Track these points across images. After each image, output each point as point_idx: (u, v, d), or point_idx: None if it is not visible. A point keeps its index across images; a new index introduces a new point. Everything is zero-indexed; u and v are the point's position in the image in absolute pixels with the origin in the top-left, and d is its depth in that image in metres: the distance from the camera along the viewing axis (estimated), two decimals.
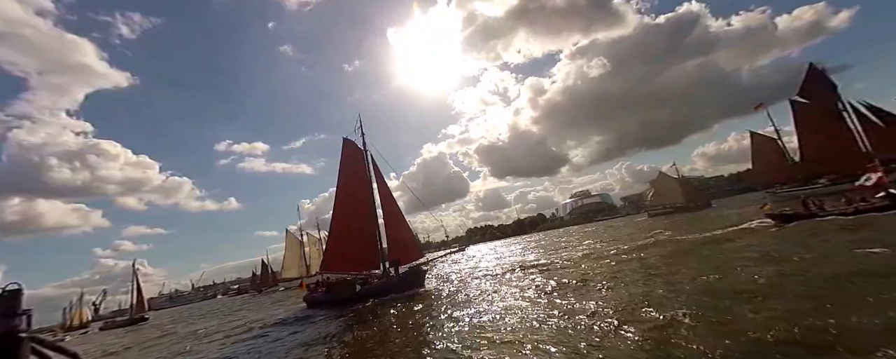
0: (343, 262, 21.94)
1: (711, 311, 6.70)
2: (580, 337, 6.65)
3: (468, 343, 7.58)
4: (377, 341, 9.69)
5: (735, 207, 37.71)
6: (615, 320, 7.10)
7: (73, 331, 55.32)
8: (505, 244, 43.87)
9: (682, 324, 6.27)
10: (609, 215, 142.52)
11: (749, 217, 21.32)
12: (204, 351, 13.77)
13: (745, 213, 26.97)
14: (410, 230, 22.66)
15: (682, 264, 12.10)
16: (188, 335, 20.42)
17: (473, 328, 8.82)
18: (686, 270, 11.04)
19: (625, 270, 13.04)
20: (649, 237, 23.21)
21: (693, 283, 9.27)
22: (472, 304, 11.92)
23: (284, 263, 58.19)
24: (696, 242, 16.97)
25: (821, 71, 34.33)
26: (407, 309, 13.62)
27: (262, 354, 10.95)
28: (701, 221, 29.33)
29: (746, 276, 8.85)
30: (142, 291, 52.34)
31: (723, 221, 24.77)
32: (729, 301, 7.13)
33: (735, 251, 12.78)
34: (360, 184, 23.00)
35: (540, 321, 8.19)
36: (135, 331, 34.70)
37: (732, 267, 10.03)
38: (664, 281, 10.11)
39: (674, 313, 6.81)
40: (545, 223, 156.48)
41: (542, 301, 10.26)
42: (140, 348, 19.81)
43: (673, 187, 52.38)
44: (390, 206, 22.62)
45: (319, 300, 21.04)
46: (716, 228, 21.03)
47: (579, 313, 8.18)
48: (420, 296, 16.69)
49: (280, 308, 25.25)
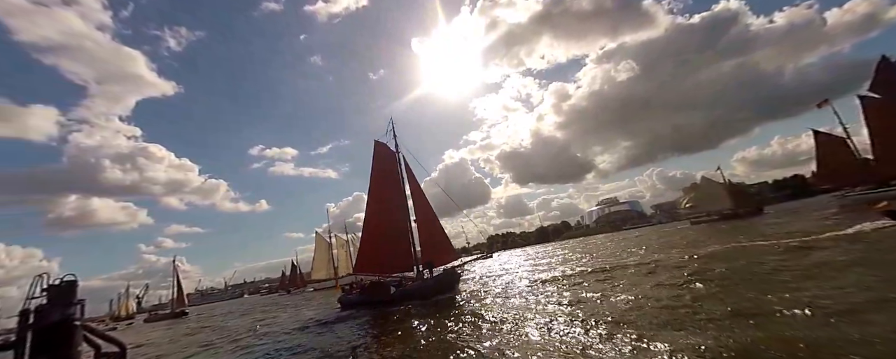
0: (376, 264, 21.61)
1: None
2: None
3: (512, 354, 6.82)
4: (411, 346, 9.17)
5: (798, 214, 33.35)
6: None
7: (120, 321, 58.62)
8: (535, 253, 40.76)
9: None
10: (639, 224, 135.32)
11: (845, 221, 18.52)
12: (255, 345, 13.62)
13: (827, 216, 23.82)
14: (444, 232, 22.02)
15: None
16: (241, 330, 20.13)
17: (514, 338, 8.08)
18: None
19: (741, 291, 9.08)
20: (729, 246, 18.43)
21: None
22: (511, 312, 11.07)
23: (314, 264, 59.22)
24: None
25: (894, 63, 30.88)
26: (441, 313, 12.99)
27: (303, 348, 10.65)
28: (766, 228, 25.42)
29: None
30: (182, 286, 54.78)
31: (799, 226, 21.66)
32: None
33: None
34: (392, 186, 22.73)
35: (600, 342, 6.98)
36: (177, 324, 35.95)
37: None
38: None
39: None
40: (569, 231, 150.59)
41: (605, 319, 8.48)
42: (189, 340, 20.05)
43: (718, 193, 48.66)
44: (423, 207, 22.13)
45: (354, 302, 20.81)
46: (812, 232, 17.49)
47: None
48: (455, 300, 16.04)
49: (311, 309, 25.27)
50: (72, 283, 7.69)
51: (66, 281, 7.68)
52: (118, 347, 8.32)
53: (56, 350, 6.96)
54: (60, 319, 7.24)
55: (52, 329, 7.08)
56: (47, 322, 7.15)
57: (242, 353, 12.34)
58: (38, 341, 7.01)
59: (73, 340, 7.27)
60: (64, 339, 7.12)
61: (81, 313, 7.62)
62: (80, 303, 7.63)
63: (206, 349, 14.70)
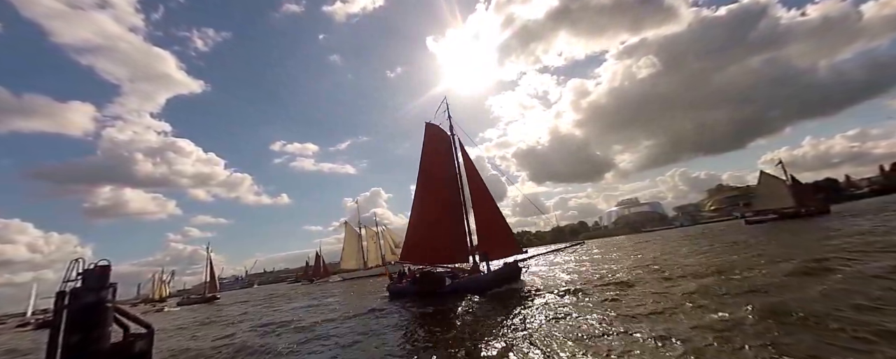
0: (425, 252, 19.94)
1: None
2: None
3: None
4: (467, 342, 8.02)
5: (880, 216, 29.44)
6: None
7: (153, 302, 59.93)
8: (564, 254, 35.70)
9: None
10: (660, 226, 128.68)
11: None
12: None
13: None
14: (504, 221, 20.05)
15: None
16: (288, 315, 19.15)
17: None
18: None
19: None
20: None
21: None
22: (583, 316, 9.05)
23: (343, 254, 58.63)
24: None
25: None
26: (502, 310, 11.39)
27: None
28: (850, 229, 21.40)
29: None
30: (214, 272, 55.31)
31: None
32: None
33: None
34: (445, 169, 20.92)
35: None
36: (209, 308, 35.63)
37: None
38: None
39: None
40: (587, 232, 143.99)
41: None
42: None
43: (779, 189, 44.59)
44: (481, 194, 20.20)
45: (404, 291, 19.25)
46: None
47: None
48: (517, 297, 13.98)
49: (356, 297, 23.80)
50: (105, 267, 7.98)
51: (100, 266, 7.97)
52: (145, 328, 8.48)
53: (89, 330, 7.31)
54: (94, 301, 7.54)
55: (86, 310, 7.41)
56: (82, 304, 7.44)
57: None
58: (72, 321, 7.32)
59: (105, 321, 7.59)
60: (96, 320, 7.46)
61: (113, 296, 7.91)
62: (112, 286, 7.92)
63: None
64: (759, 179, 47.47)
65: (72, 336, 7.17)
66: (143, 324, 8.47)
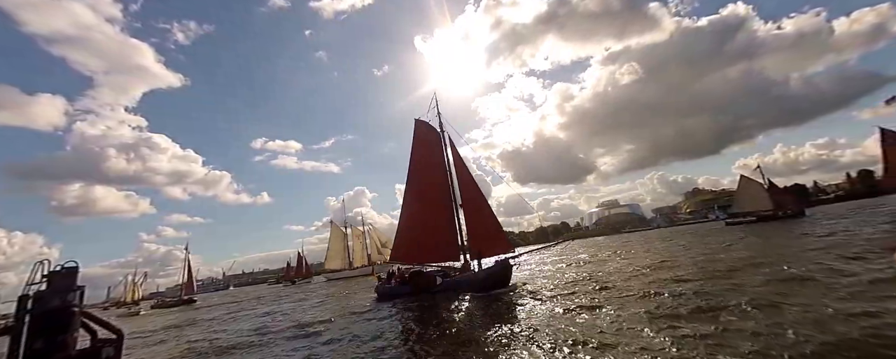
0: (417, 251, 19.57)
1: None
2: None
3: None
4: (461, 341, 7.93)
5: (849, 218, 30.66)
6: None
7: (126, 305, 57.04)
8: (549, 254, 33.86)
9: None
10: (639, 227, 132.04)
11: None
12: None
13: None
14: (495, 218, 19.83)
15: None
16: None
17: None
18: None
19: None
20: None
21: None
22: (573, 312, 9.14)
23: (328, 254, 57.40)
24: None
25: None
26: (494, 308, 11.31)
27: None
28: (818, 230, 22.01)
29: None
30: (192, 274, 53.17)
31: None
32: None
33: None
34: (435, 167, 20.61)
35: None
36: (186, 310, 34.04)
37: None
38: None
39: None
40: (569, 232, 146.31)
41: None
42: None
43: (758, 192, 46.27)
44: (471, 192, 19.93)
45: (394, 292, 18.74)
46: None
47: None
48: (508, 295, 14.04)
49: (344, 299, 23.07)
50: (72, 269, 7.69)
51: (66, 268, 7.69)
52: (115, 333, 8.15)
53: (53, 336, 7.01)
54: (60, 305, 7.24)
55: (51, 315, 7.10)
56: (46, 308, 7.13)
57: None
58: (35, 326, 7.02)
59: (71, 326, 7.29)
60: (62, 325, 7.16)
61: (81, 300, 7.63)
62: (80, 289, 7.64)
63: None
64: (739, 182, 49.09)
65: (35, 342, 6.86)
66: (113, 329, 8.11)
